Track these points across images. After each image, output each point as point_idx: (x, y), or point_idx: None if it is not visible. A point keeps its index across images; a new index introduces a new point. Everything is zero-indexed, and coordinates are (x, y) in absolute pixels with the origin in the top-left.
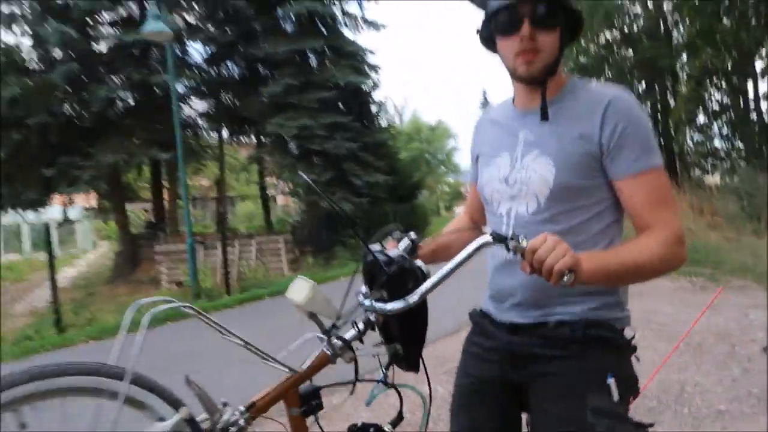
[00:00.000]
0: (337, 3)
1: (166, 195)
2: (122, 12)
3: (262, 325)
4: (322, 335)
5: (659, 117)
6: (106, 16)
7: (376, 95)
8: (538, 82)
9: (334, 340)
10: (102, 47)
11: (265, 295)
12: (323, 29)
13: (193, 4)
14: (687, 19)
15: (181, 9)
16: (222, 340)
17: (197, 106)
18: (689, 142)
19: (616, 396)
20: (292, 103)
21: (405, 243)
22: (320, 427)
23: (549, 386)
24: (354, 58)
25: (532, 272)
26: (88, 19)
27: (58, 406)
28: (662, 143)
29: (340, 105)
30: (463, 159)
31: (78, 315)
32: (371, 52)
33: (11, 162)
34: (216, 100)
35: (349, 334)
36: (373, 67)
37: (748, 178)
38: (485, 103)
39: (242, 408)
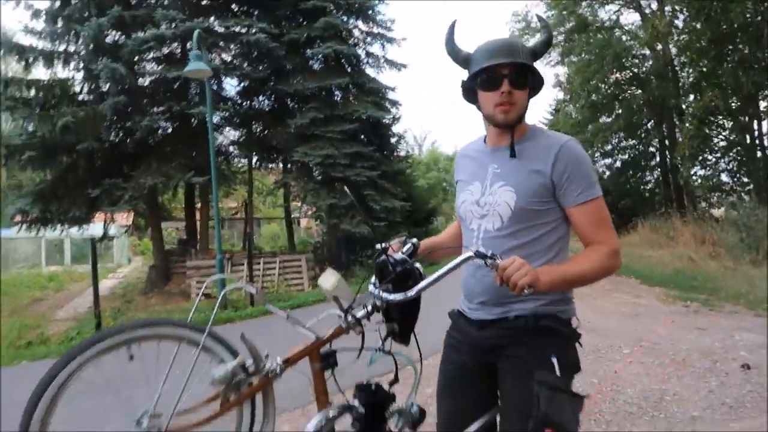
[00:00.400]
0: (361, 44)
1: (197, 215)
2: (165, 50)
3: (279, 333)
4: (341, 313)
5: (666, 153)
6: (151, 53)
7: (396, 128)
8: (509, 126)
9: (349, 318)
10: (146, 81)
11: (286, 307)
12: (348, 68)
13: (230, 45)
14: (691, 61)
15: (218, 48)
16: (250, 329)
17: (230, 135)
18: (695, 176)
19: (558, 372)
20: (317, 134)
21: (408, 246)
22: (335, 379)
23: (508, 366)
24: (376, 94)
25: (502, 284)
26: (135, 57)
27: (155, 347)
28: (669, 177)
29: (362, 136)
30: None
31: (116, 320)
32: (392, 89)
33: (60, 182)
34: (247, 130)
35: (360, 313)
36: (394, 103)
37: (749, 211)
38: None
39: (280, 360)
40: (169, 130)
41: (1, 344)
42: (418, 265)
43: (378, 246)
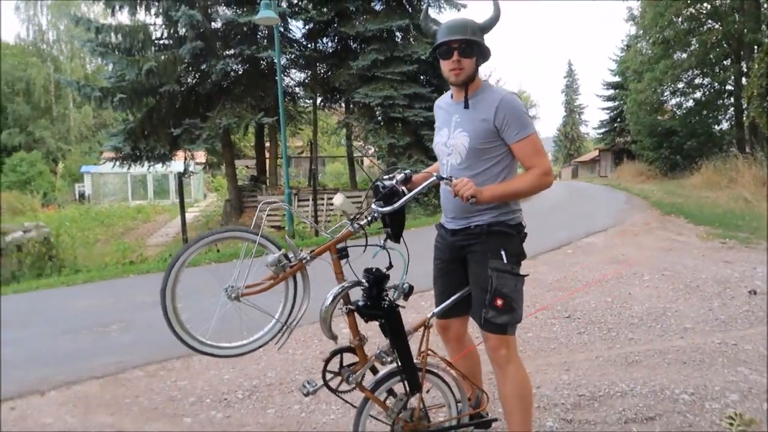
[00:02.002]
0: None
1: (266, 153)
2: None
3: None
4: (348, 221)
5: (741, 91)
6: None
7: None
8: (460, 85)
9: (355, 224)
10: (218, 25)
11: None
12: (409, 9)
13: None
14: None
15: None
16: None
17: (296, 76)
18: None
19: (506, 260)
20: (378, 75)
21: (401, 175)
22: (350, 265)
23: (472, 258)
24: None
25: (455, 197)
26: (209, 2)
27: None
28: (743, 118)
29: (421, 77)
30: (543, 128)
31: None
32: None
33: (146, 122)
34: (312, 71)
35: (363, 221)
36: None
37: None
38: (570, 73)
39: (307, 253)
40: (240, 73)
41: (108, 262)
42: (404, 189)
43: (376, 181)
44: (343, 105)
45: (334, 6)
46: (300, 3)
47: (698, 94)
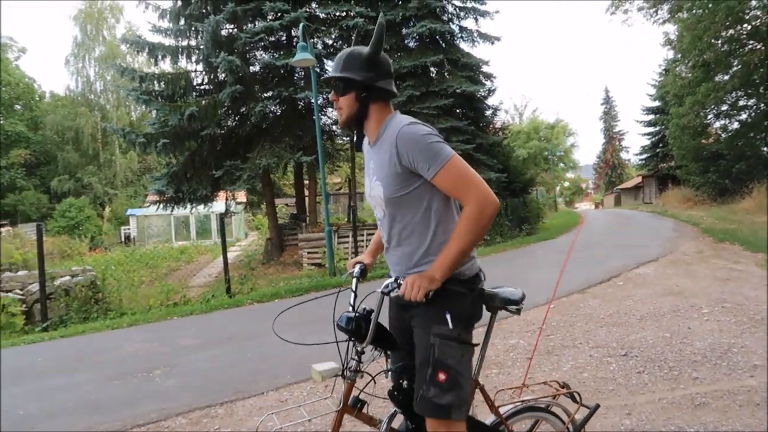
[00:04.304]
0: (455, 20)
1: (305, 191)
2: (271, 38)
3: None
4: (342, 377)
5: None
6: (261, 43)
7: (492, 100)
8: (347, 129)
9: (348, 374)
10: (256, 68)
11: (386, 274)
12: (442, 44)
13: (331, 29)
14: None
15: (320, 33)
16: None
17: (332, 115)
18: None
19: (450, 325)
20: (414, 110)
21: (357, 269)
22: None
23: (414, 322)
24: (470, 69)
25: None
26: (247, 47)
27: None
28: None
29: (457, 110)
30: (582, 156)
31: (243, 285)
32: (485, 62)
33: (188, 165)
34: None
35: (352, 368)
36: (488, 76)
37: None
38: (608, 99)
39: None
40: (278, 114)
41: (152, 304)
42: (365, 310)
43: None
44: None
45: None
46: (335, 44)
47: (744, 116)
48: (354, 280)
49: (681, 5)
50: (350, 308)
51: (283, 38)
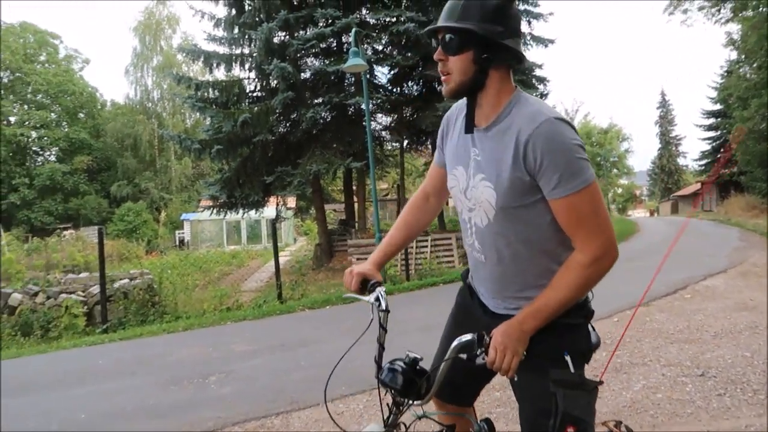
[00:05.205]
0: None
1: (354, 197)
2: (322, 45)
3: (433, 304)
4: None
5: None
6: (312, 49)
7: None
8: (454, 98)
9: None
10: (307, 75)
11: (438, 282)
12: None
13: (382, 35)
14: None
15: (371, 39)
16: None
17: (382, 120)
18: None
19: (572, 368)
20: None
21: (375, 293)
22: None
23: (522, 360)
24: (522, 72)
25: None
26: (299, 54)
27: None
28: None
29: None
30: (637, 161)
31: (294, 290)
32: (539, 66)
33: (240, 171)
34: (398, 115)
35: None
36: (541, 80)
37: None
38: (664, 103)
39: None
40: (329, 120)
41: (206, 308)
42: (418, 363)
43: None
44: (429, 146)
45: (418, 51)
46: (385, 50)
47: None
48: (378, 311)
49: (746, 3)
50: (380, 347)
51: (334, 45)
